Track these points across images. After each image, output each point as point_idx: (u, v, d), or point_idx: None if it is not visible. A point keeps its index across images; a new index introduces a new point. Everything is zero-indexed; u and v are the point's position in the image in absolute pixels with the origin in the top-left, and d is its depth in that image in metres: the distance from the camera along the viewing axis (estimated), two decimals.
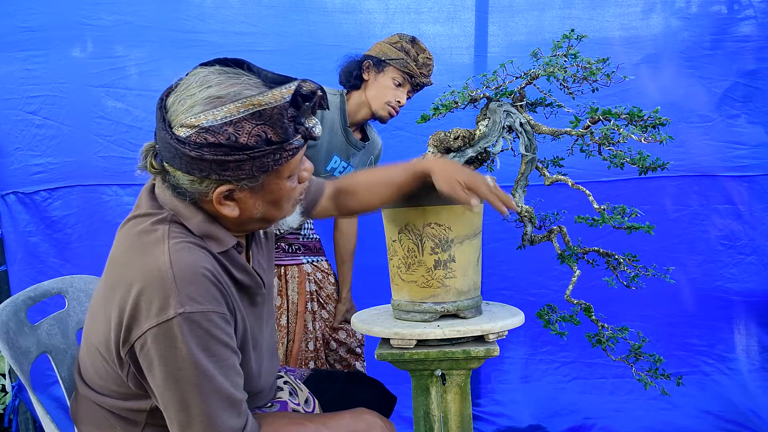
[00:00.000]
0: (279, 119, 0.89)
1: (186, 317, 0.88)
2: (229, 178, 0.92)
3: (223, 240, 1.00)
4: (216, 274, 0.95)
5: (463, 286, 1.42)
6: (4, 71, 2.32)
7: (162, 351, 0.90)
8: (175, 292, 0.88)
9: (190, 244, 0.95)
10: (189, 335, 0.89)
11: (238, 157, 0.89)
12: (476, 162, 1.50)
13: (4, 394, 2.49)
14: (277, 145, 0.91)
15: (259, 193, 0.98)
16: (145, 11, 2.34)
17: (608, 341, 1.44)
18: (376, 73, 1.91)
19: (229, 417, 0.95)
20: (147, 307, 0.89)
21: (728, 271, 2.53)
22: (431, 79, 1.95)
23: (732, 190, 2.50)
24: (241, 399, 0.98)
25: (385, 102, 1.91)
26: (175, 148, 0.90)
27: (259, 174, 0.93)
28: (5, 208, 2.39)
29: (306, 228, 2.07)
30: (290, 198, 1.03)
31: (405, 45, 1.89)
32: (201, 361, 0.90)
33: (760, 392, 2.47)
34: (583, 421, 2.52)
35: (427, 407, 1.41)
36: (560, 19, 2.46)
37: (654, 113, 1.30)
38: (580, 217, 1.40)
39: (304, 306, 1.99)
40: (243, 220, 1.02)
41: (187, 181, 0.94)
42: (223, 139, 0.88)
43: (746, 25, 2.44)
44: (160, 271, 0.89)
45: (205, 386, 0.92)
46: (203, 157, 0.89)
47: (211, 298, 0.92)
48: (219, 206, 0.97)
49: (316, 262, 2.07)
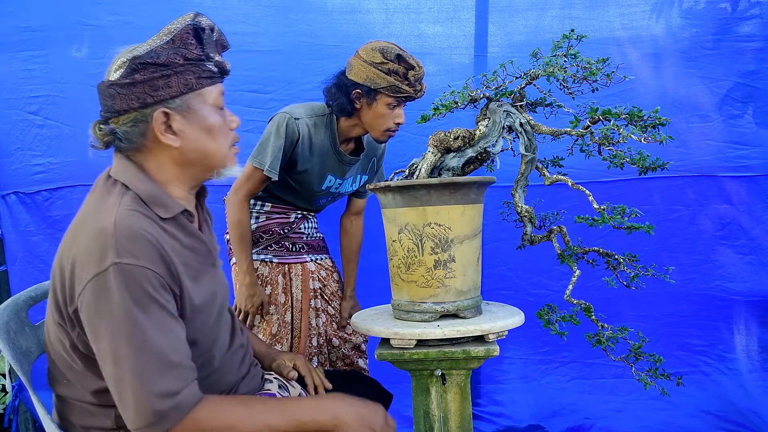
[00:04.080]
0: (190, 43, 1.07)
1: (121, 268, 0.93)
2: (162, 96, 1.04)
3: (171, 206, 1.07)
4: (159, 240, 0.99)
5: (463, 286, 1.42)
6: (4, 71, 2.33)
7: (99, 302, 0.94)
8: (113, 245, 0.94)
9: (138, 213, 1.01)
10: (123, 286, 0.93)
11: (164, 73, 1.04)
12: (476, 162, 1.50)
13: (4, 394, 2.50)
14: (194, 63, 1.06)
15: (192, 119, 1.07)
16: (145, 11, 2.34)
17: (608, 341, 1.44)
18: (368, 102, 1.76)
19: (162, 379, 0.95)
20: (88, 261, 0.95)
21: (727, 270, 2.53)
22: (425, 85, 1.82)
23: (731, 189, 2.50)
24: (182, 364, 0.98)
25: (384, 129, 1.80)
26: (113, 89, 1.04)
27: (187, 91, 1.06)
28: (6, 208, 2.39)
29: (310, 227, 2.07)
30: (222, 132, 1.12)
31: (392, 66, 1.70)
32: (134, 314, 0.94)
33: (759, 392, 2.47)
34: (583, 421, 2.52)
35: (427, 407, 1.42)
36: (560, 19, 2.46)
37: (654, 113, 1.30)
38: (580, 217, 1.40)
39: (308, 303, 2.00)
40: (187, 158, 1.09)
41: (130, 124, 1.04)
42: (149, 60, 1.03)
43: (750, 24, 2.43)
44: (104, 229, 0.96)
45: (137, 340, 0.94)
46: (135, 81, 1.03)
47: (149, 258, 0.96)
48: (163, 138, 1.05)
49: (320, 260, 2.08)
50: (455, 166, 1.46)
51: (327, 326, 2.06)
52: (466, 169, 1.50)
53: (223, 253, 2.26)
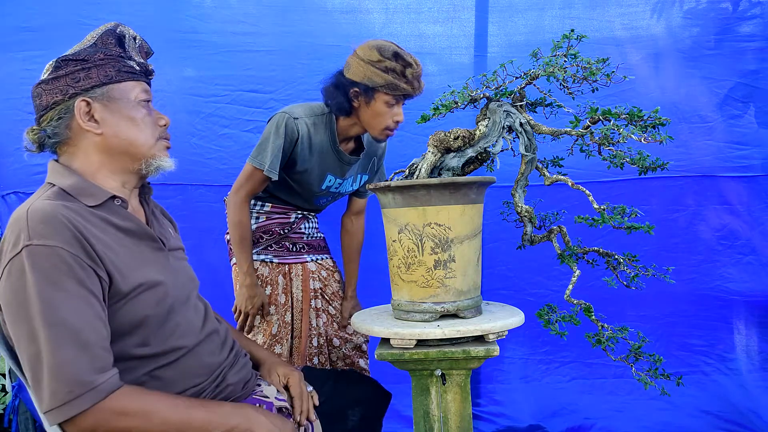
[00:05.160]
0: (110, 43, 1.16)
1: (32, 249, 0.96)
2: (83, 86, 1.12)
3: (97, 194, 1.11)
4: (74, 224, 1.01)
5: (463, 286, 1.42)
6: (4, 71, 2.33)
7: (13, 284, 0.97)
8: (24, 229, 0.98)
9: (56, 202, 1.04)
10: (35, 266, 0.96)
11: (84, 66, 1.13)
12: (476, 162, 1.50)
13: (4, 394, 2.50)
14: (114, 59, 1.15)
15: (113, 108, 1.14)
16: (144, 11, 2.34)
17: (608, 341, 1.44)
18: (366, 101, 1.75)
19: (79, 358, 0.95)
20: (5, 249, 1.00)
21: (727, 271, 2.53)
22: (423, 82, 1.80)
23: (731, 190, 2.50)
24: (98, 344, 0.98)
25: (383, 128, 1.79)
26: (40, 88, 1.13)
27: (107, 81, 1.14)
28: (6, 208, 2.39)
29: (310, 227, 2.07)
30: (146, 123, 1.18)
31: (390, 64, 1.69)
32: (48, 293, 0.96)
33: (759, 392, 2.47)
34: (583, 421, 2.52)
35: (427, 407, 1.42)
36: (560, 19, 2.46)
37: (654, 113, 1.30)
38: (580, 217, 1.40)
39: (308, 303, 2.00)
40: (111, 145, 1.14)
41: (56, 118, 1.12)
42: (71, 57, 1.13)
43: (750, 24, 2.43)
44: (18, 217, 1.01)
45: (51, 317, 0.95)
46: (58, 76, 1.12)
47: (62, 238, 0.99)
48: (84, 125, 1.12)
49: (321, 260, 2.08)
50: (455, 166, 1.46)
51: (328, 326, 2.06)
52: (466, 169, 1.50)
53: (223, 253, 2.27)
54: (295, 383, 1.36)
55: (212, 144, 2.49)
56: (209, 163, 2.49)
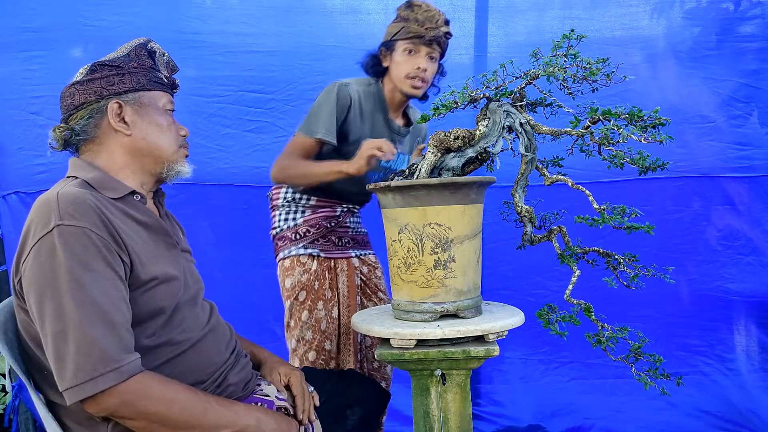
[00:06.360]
0: (143, 55, 1.24)
1: (63, 229, 0.99)
2: (116, 90, 1.18)
3: (118, 188, 1.15)
4: (102, 210, 1.04)
5: (463, 286, 1.42)
6: (6, 72, 2.33)
7: (42, 263, 0.98)
8: (55, 210, 1.00)
9: (83, 189, 1.08)
10: (66, 246, 0.98)
11: (119, 72, 1.19)
12: (476, 162, 1.50)
13: (4, 394, 2.50)
14: (146, 69, 1.23)
15: (142, 113, 1.20)
16: (146, 12, 2.34)
17: (608, 341, 1.44)
18: (390, 55, 1.86)
19: (105, 337, 0.96)
20: (33, 229, 1.02)
21: (727, 271, 2.53)
22: (448, 28, 1.83)
23: (731, 190, 2.50)
24: (123, 326, 1.00)
25: (404, 75, 1.83)
26: (73, 88, 1.19)
27: (139, 88, 1.20)
28: (6, 208, 2.39)
29: (355, 221, 2.06)
30: (171, 131, 1.25)
31: (402, 13, 1.82)
32: (77, 270, 0.97)
33: (759, 392, 2.47)
34: (583, 421, 2.52)
35: (427, 407, 1.42)
36: (560, 19, 2.46)
37: (654, 113, 1.30)
38: (580, 217, 1.40)
39: (355, 299, 1.97)
40: (137, 147, 1.20)
41: (86, 117, 1.17)
42: (107, 63, 1.20)
43: (751, 25, 2.43)
44: (48, 200, 1.03)
45: (80, 295, 0.97)
46: (93, 78, 1.18)
47: (90, 221, 1.01)
48: (115, 125, 1.17)
49: (364, 256, 2.05)
50: (455, 166, 1.46)
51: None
52: (466, 169, 1.50)
53: (223, 253, 2.28)
54: (297, 383, 1.37)
55: (214, 144, 2.50)
56: (212, 162, 2.50)
